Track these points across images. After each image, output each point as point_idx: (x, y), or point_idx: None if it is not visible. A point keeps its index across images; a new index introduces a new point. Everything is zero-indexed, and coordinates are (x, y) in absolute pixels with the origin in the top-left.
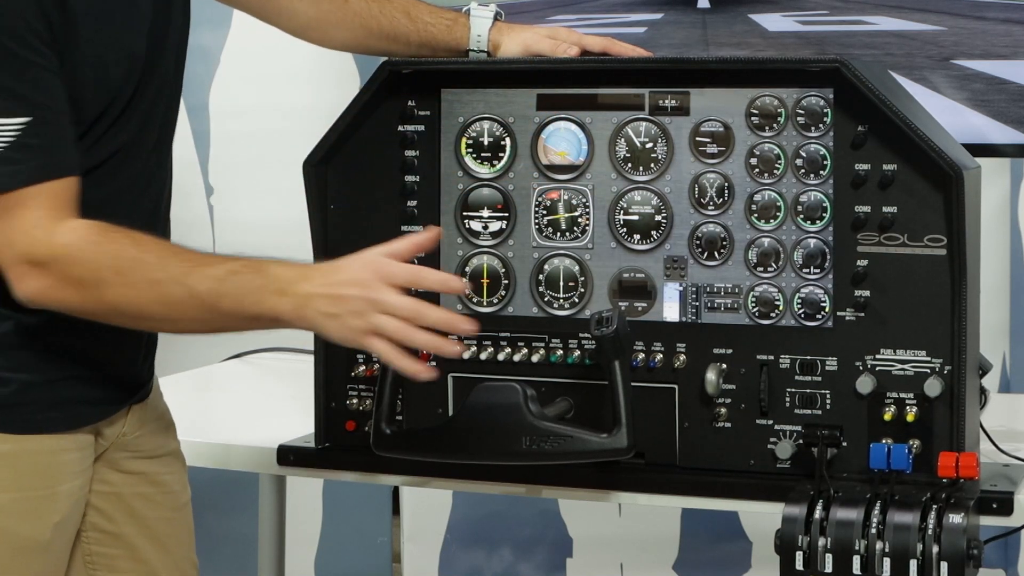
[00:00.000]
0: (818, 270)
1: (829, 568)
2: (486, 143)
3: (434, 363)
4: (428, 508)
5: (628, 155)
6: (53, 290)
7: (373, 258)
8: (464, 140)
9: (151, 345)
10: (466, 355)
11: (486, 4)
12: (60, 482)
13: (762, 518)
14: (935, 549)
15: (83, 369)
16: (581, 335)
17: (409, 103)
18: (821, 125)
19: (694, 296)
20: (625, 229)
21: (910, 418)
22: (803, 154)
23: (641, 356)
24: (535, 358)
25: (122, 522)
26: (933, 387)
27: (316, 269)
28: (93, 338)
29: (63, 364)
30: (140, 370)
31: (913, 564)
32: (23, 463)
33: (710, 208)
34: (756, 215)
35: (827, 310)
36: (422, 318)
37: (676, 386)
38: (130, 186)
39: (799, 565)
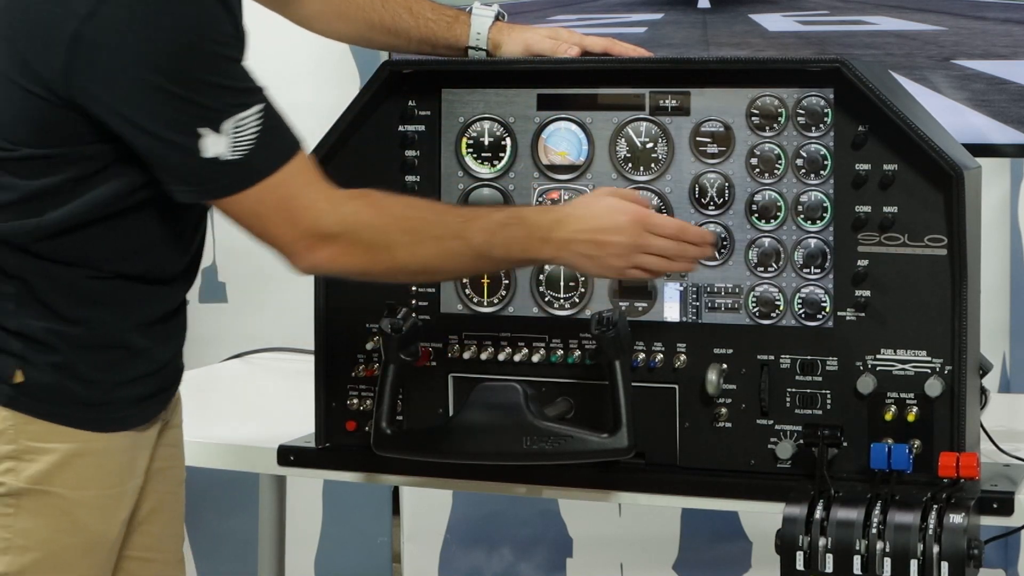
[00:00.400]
0: (819, 270)
1: (830, 568)
2: (486, 143)
3: (434, 363)
4: (428, 508)
5: (629, 155)
6: (343, 257)
7: (637, 211)
8: (464, 140)
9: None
10: (466, 355)
11: (489, 4)
12: (130, 479)
13: (762, 518)
14: (936, 549)
15: (153, 364)
16: (581, 335)
17: (409, 103)
18: (822, 125)
19: (694, 296)
20: None
21: (911, 418)
22: (804, 154)
23: (641, 356)
24: (535, 358)
25: (146, 500)
26: (934, 387)
27: (571, 213)
28: (157, 332)
29: (138, 362)
30: (180, 353)
31: (914, 564)
32: (107, 461)
33: (710, 208)
34: (757, 215)
35: (827, 310)
36: (684, 252)
37: (676, 386)
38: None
39: (800, 565)
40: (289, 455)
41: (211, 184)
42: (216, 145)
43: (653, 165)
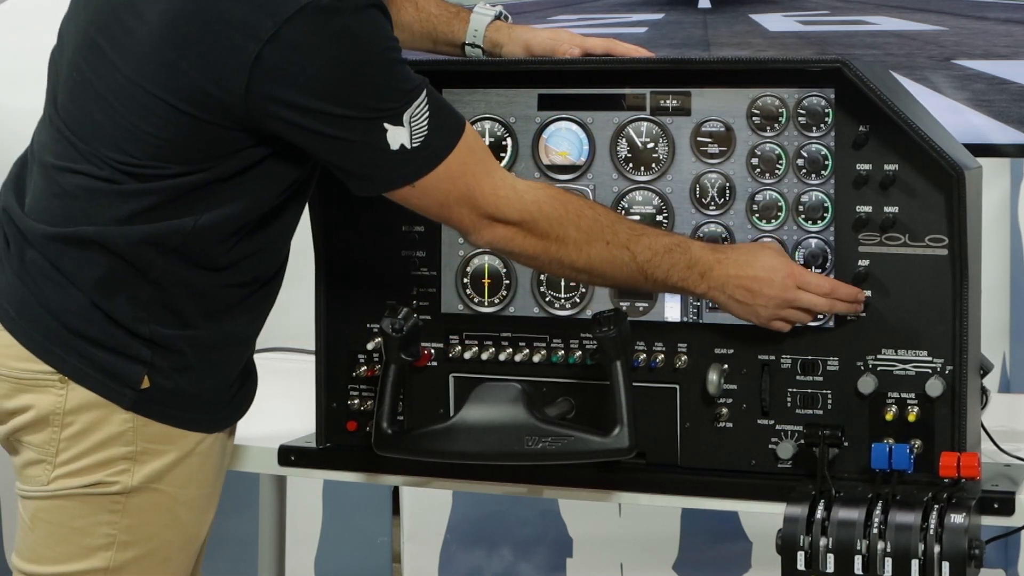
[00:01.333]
0: (819, 270)
1: (831, 568)
2: (488, 143)
3: (435, 363)
4: (428, 508)
5: (629, 155)
6: (519, 238)
7: (791, 267)
8: None
9: None
10: (467, 355)
11: (493, 4)
12: (222, 479)
13: (762, 518)
14: (936, 549)
15: (246, 359)
16: (582, 335)
17: None
18: (822, 125)
19: (695, 296)
20: None
21: (911, 418)
22: (804, 154)
23: (642, 356)
24: (536, 358)
25: None
26: (934, 387)
27: (733, 257)
28: (259, 323)
29: (239, 359)
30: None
31: (915, 564)
32: (208, 461)
33: (711, 208)
34: (757, 215)
35: None
36: (832, 309)
37: (677, 386)
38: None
39: (800, 565)
40: (289, 455)
41: (402, 171)
42: (400, 136)
43: (654, 165)
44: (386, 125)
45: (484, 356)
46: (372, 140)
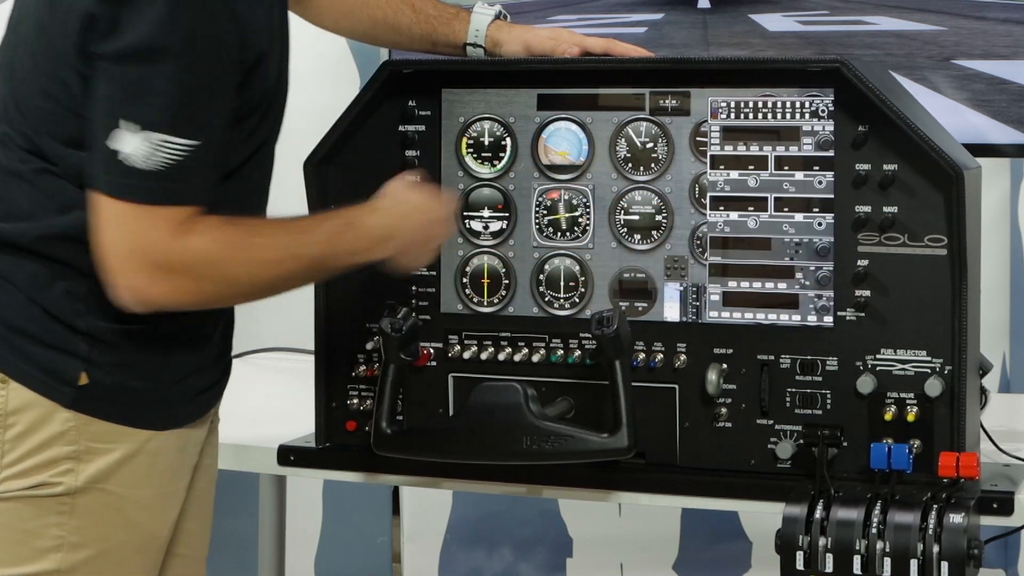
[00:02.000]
0: (819, 269)
1: (830, 568)
2: (487, 143)
3: (434, 363)
4: (428, 508)
5: (629, 155)
6: (174, 297)
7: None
8: (465, 140)
9: (233, 314)
10: (466, 355)
11: (492, 3)
12: (181, 478)
13: (762, 518)
14: (935, 549)
15: (205, 357)
16: (581, 335)
17: (410, 103)
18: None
19: (694, 296)
20: (626, 229)
21: (910, 418)
22: (804, 154)
23: (641, 356)
24: (535, 358)
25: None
26: (934, 387)
27: (376, 203)
28: (211, 322)
29: (191, 356)
30: (231, 344)
31: (914, 564)
32: (161, 460)
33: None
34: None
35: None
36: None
37: (677, 386)
38: (265, 177)
39: (800, 565)
40: (289, 455)
41: (95, 171)
42: (127, 143)
43: (653, 165)
44: (123, 123)
45: (483, 356)
46: (104, 122)
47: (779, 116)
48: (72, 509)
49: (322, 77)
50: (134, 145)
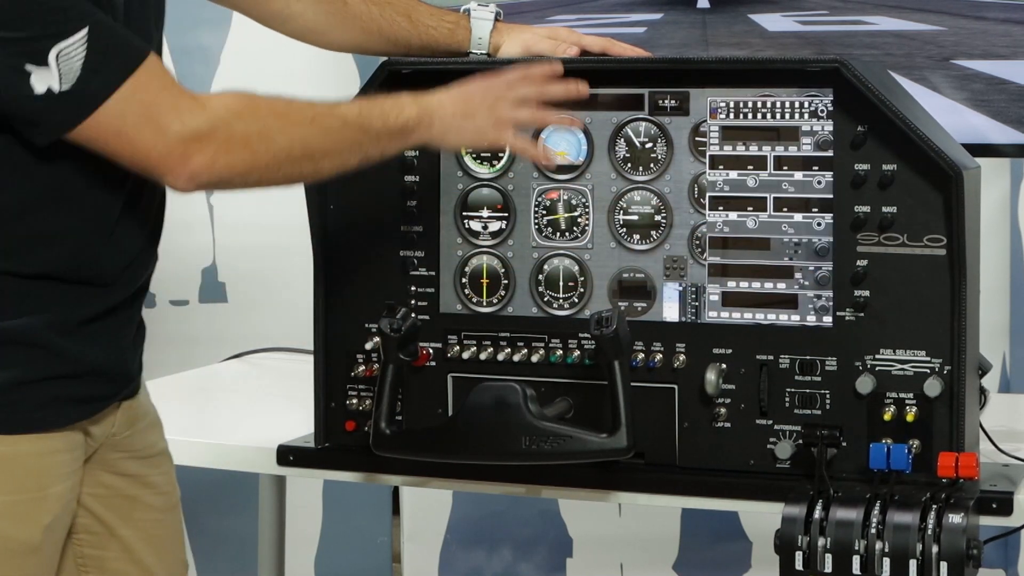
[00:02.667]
0: (819, 268)
1: (829, 568)
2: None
3: (433, 363)
4: (428, 508)
5: (628, 155)
6: (222, 155)
7: (499, 74)
8: None
9: (140, 338)
10: (466, 355)
11: (485, 4)
12: (51, 484)
13: (762, 518)
14: (935, 549)
15: (71, 366)
16: (581, 335)
17: None
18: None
19: (694, 296)
20: (625, 229)
21: (910, 418)
22: (803, 154)
23: (641, 356)
24: (535, 358)
25: (115, 524)
26: (933, 387)
27: (444, 89)
28: (82, 334)
29: (51, 361)
30: (129, 365)
31: (913, 564)
32: (15, 465)
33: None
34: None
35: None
36: (546, 95)
37: (676, 386)
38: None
39: (799, 565)
40: (289, 455)
41: (52, 118)
42: (45, 78)
43: (652, 165)
44: (28, 67)
45: (483, 356)
46: (15, 82)
47: (778, 116)
48: None
49: (322, 77)
50: (53, 75)
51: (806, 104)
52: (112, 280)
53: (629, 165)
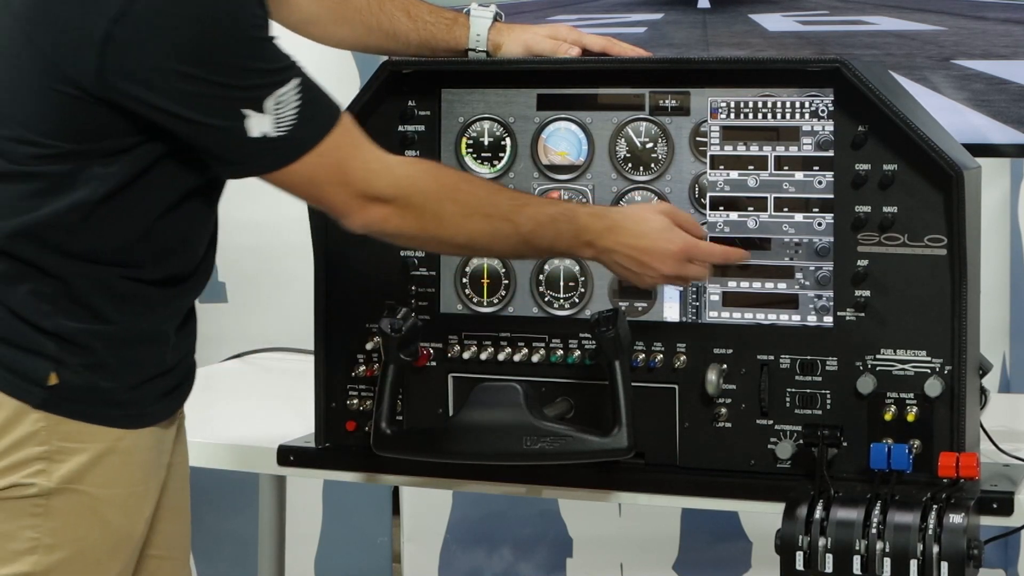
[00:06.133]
0: (819, 267)
1: (829, 568)
2: (486, 143)
3: (434, 363)
4: (428, 508)
5: (628, 155)
6: (394, 219)
7: (685, 241)
8: (464, 140)
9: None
10: (466, 355)
11: (487, 5)
12: (153, 476)
13: (762, 518)
14: (935, 549)
15: (176, 358)
16: (581, 335)
17: (409, 103)
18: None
19: (694, 296)
20: None
21: (910, 418)
22: (803, 154)
23: (641, 356)
24: (535, 358)
25: (160, 496)
26: (933, 387)
27: (623, 224)
28: (184, 331)
29: (165, 357)
30: (194, 347)
31: (913, 564)
32: (134, 459)
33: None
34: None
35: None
36: (705, 278)
37: (676, 386)
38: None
39: (799, 565)
40: (289, 455)
41: (262, 160)
42: (261, 124)
43: (653, 165)
44: (245, 111)
45: (483, 356)
46: (229, 126)
47: (779, 116)
48: (46, 510)
49: (322, 77)
50: (268, 120)
51: (807, 104)
52: (204, 281)
53: (630, 165)
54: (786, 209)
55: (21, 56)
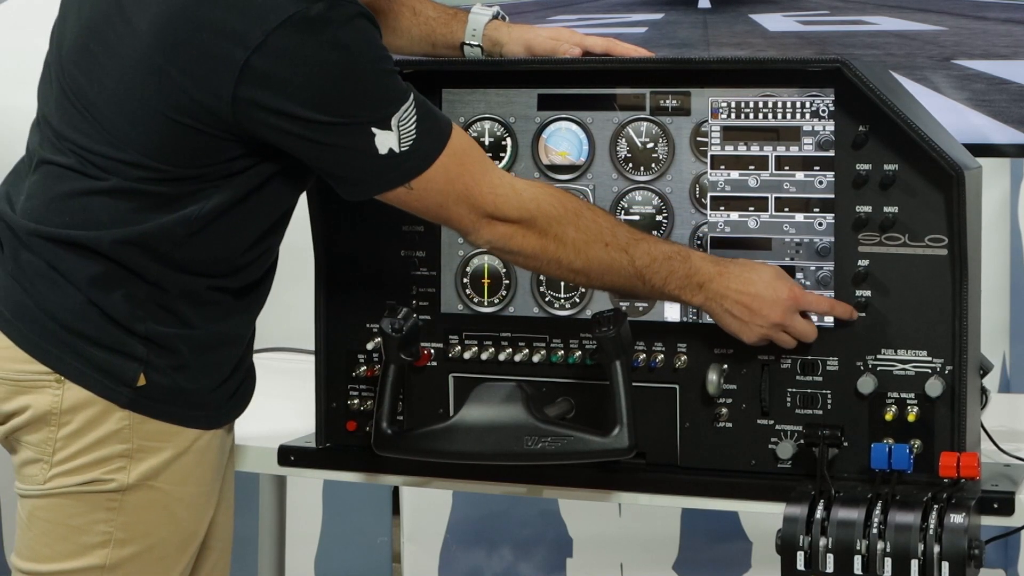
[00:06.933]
0: (820, 267)
1: (830, 568)
2: (487, 143)
3: (435, 363)
4: (428, 508)
5: (629, 155)
6: (517, 238)
7: (793, 290)
8: None
9: None
10: (467, 355)
11: (490, 4)
12: (220, 476)
13: (762, 518)
14: (936, 549)
15: (246, 360)
16: (582, 335)
17: None
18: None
19: None
20: None
21: (911, 418)
22: (804, 154)
23: (642, 356)
24: (536, 358)
25: None
26: (934, 387)
27: (734, 272)
28: (249, 324)
29: (232, 358)
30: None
31: (914, 564)
32: (206, 459)
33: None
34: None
35: None
36: (812, 337)
37: (677, 386)
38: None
39: (800, 565)
40: (289, 455)
41: (389, 176)
42: (389, 141)
43: (653, 165)
44: (374, 130)
45: (484, 356)
46: (360, 145)
47: (779, 116)
48: (121, 505)
49: None
50: (393, 137)
51: (807, 104)
52: (270, 285)
53: (630, 165)
54: (787, 209)
55: (147, 84)
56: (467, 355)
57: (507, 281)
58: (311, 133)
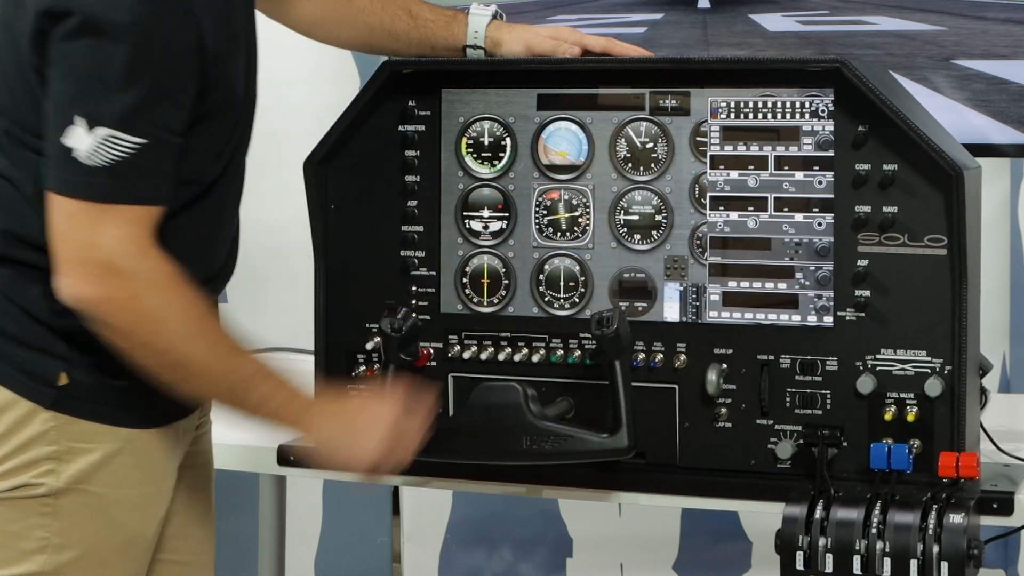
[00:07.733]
0: (819, 267)
1: (830, 568)
2: (486, 143)
3: (434, 363)
4: (428, 508)
5: (628, 155)
6: (110, 304)
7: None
8: (464, 140)
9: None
10: (466, 355)
11: (488, 4)
12: (168, 477)
13: (762, 518)
14: (935, 549)
15: None
16: (581, 335)
17: (410, 103)
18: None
19: (694, 296)
20: (625, 229)
21: (910, 418)
22: (804, 154)
23: (642, 356)
24: (535, 358)
25: (178, 500)
26: (934, 387)
27: (343, 429)
28: None
29: None
30: None
31: (914, 564)
32: (145, 459)
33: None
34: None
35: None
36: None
37: (677, 386)
38: (236, 193)
39: (799, 565)
40: (289, 455)
41: (50, 171)
42: (80, 141)
43: (653, 165)
44: (77, 119)
45: (483, 356)
46: (58, 118)
47: (779, 116)
48: (55, 510)
49: (322, 77)
50: (86, 142)
51: (807, 104)
52: (219, 289)
53: (630, 165)
54: (786, 209)
55: (19, 57)
56: (467, 355)
57: (507, 281)
58: (54, 78)
